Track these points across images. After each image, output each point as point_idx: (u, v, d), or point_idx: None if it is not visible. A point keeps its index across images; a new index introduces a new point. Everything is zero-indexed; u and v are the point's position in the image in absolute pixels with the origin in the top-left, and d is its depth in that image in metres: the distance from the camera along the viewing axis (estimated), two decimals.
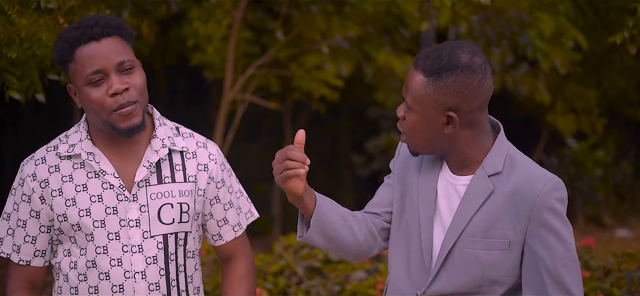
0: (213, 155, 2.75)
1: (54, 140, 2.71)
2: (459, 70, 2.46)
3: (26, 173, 2.66)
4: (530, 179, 2.50)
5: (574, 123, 11.10)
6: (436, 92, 2.47)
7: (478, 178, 2.52)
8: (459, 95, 2.47)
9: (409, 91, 2.51)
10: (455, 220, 2.53)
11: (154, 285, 2.65)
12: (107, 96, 2.55)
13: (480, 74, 2.48)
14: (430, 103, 2.48)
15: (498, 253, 2.50)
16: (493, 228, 2.50)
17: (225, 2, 7.43)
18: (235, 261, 2.84)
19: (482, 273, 2.51)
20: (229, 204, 2.79)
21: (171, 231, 2.67)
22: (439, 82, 2.46)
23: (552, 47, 9.16)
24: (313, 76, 8.53)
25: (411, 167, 2.67)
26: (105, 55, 2.55)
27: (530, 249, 2.49)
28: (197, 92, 12.44)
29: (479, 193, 2.51)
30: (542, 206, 2.47)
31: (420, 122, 2.51)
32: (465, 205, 2.53)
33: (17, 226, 2.68)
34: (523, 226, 2.49)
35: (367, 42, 8.79)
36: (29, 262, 2.70)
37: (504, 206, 2.50)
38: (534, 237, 2.48)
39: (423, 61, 2.50)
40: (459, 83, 2.46)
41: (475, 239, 2.51)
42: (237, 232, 2.82)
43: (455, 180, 2.57)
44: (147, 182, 2.65)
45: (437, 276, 2.55)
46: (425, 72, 2.48)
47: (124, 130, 2.58)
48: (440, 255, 2.55)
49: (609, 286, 5.19)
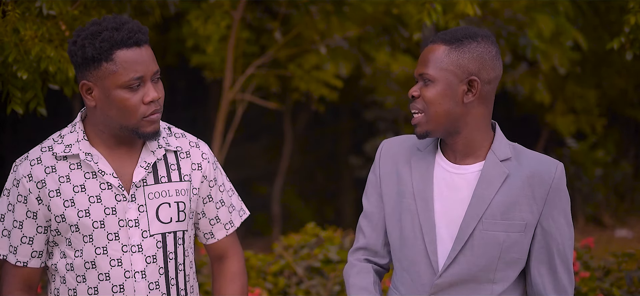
0: (205, 154, 2.77)
1: (47, 140, 2.70)
2: (479, 37, 2.58)
3: (21, 174, 2.64)
4: (542, 162, 2.62)
5: (574, 123, 11.09)
6: (459, 57, 2.56)
7: (492, 162, 2.60)
8: (480, 60, 2.57)
9: (429, 63, 2.58)
10: (474, 204, 2.58)
11: (153, 284, 2.66)
12: (142, 102, 2.56)
13: (497, 46, 2.61)
14: (453, 69, 2.56)
15: (516, 234, 2.59)
16: (511, 211, 2.59)
17: (224, 2, 7.43)
18: (226, 259, 2.85)
19: (499, 254, 2.59)
20: (220, 203, 2.80)
21: (170, 230, 2.67)
22: (461, 48, 2.56)
23: (551, 47, 9.16)
24: (312, 76, 8.53)
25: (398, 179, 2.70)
26: (147, 62, 2.55)
27: (544, 230, 2.61)
28: (197, 93, 12.43)
29: (495, 176, 2.59)
30: (557, 189, 2.60)
31: (442, 92, 2.57)
32: (483, 188, 2.59)
33: (13, 227, 2.67)
34: (540, 207, 2.59)
35: (366, 42, 8.79)
36: (26, 263, 2.69)
37: (521, 189, 2.59)
38: (549, 218, 2.60)
39: (443, 34, 2.59)
40: (481, 48, 2.57)
41: (495, 222, 2.58)
42: (228, 230, 2.83)
43: (460, 170, 2.63)
44: (145, 182, 2.65)
45: (456, 261, 2.60)
46: (446, 42, 2.57)
47: (149, 134, 2.60)
48: (459, 239, 2.59)
49: (609, 286, 5.19)
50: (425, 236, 2.62)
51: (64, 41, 4.12)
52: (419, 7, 5.03)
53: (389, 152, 2.74)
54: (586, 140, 11.66)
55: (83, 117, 2.69)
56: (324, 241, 6.05)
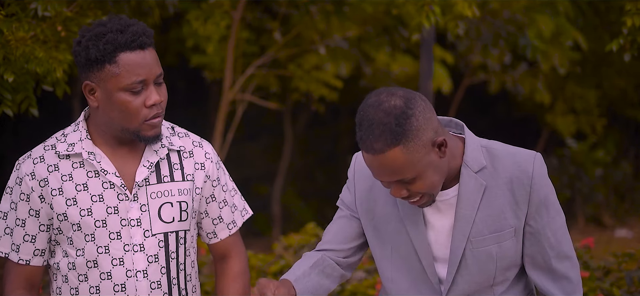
0: (209, 154, 2.77)
1: (50, 139, 2.70)
2: (407, 113, 2.40)
3: (24, 172, 2.64)
4: (518, 163, 2.53)
5: (574, 123, 11.09)
6: (416, 143, 2.39)
7: (467, 178, 2.52)
8: (428, 124, 2.41)
9: (401, 170, 2.41)
10: (458, 226, 2.53)
11: (155, 283, 2.66)
12: (144, 106, 2.56)
13: (417, 98, 2.45)
14: (421, 155, 2.40)
15: (507, 242, 2.54)
16: (498, 222, 2.52)
17: (224, 2, 7.42)
18: (229, 259, 2.85)
19: (495, 265, 2.55)
20: (223, 203, 2.80)
21: (171, 230, 2.68)
22: (409, 136, 2.39)
23: (551, 47, 9.15)
24: (312, 76, 8.52)
25: (379, 198, 2.62)
26: (150, 66, 2.55)
27: (532, 229, 2.55)
28: (197, 93, 12.43)
29: (473, 192, 2.52)
30: (538, 187, 2.52)
31: (429, 175, 2.43)
32: (464, 207, 2.52)
33: (16, 225, 2.67)
34: (524, 210, 2.52)
35: (366, 43, 8.78)
36: (28, 261, 2.69)
37: (503, 197, 2.52)
38: (535, 217, 2.54)
39: (380, 142, 2.39)
40: (419, 118, 2.41)
41: (484, 238, 2.53)
42: (231, 230, 2.83)
43: (444, 195, 2.55)
44: (147, 181, 2.66)
45: (454, 283, 2.57)
46: (391, 145, 2.39)
47: (150, 138, 2.60)
48: (452, 263, 2.55)
49: (609, 286, 5.19)
50: (423, 261, 2.58)
51: (59, 42, 4.11)
52: (418, 8, 5.03)
53: (365, 171, 2.63)
54: (586, 140, 11.65)
55: (86, 117, 2.69)
56: None
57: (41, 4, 4.06)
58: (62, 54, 4.04)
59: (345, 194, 2.71)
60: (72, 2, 4.31)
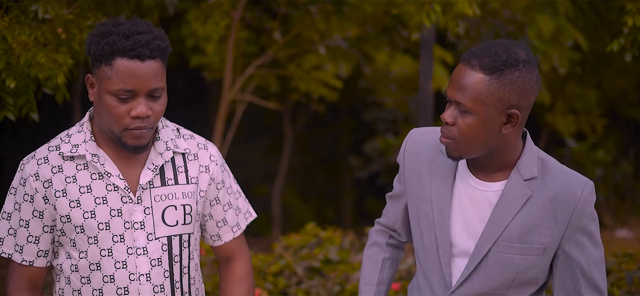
0: (213, 156, 2.76)
1: (54, 139, 2.70)
2: (521, 65, 2.40)
3: (28, 173, 2.64)
4: (568, 184, 2.47)
5: (574, 124, 11.09)
6: (500, 90, 2.38)
7: (515, 182, 2.48)
8: (522, 91, 2.40)
9: (466, 93, 2.40)
10: (491, 225, 2.49)
11: (158, 287, 2.65)
12: (128, 114, 2.54)
13: (537, 69, 2.44)
14: (493, 102, 2.38)
15: (533, 258, 2.50)
16: (531, 234, 2.48)
17: (223, 2, 7.42)
18: (234, 261, 2.85)
19: (514, 276, 2.51)
20: (228, 205, 2.79)
21: (175, 233, 2.67)
22: (502, 79, 2.38)
23: (551, 47, 9.15)
24: (312, 76, 8.52)
25: (422, 174, 2.63)
26: (143, 78, 2.51)
27: (566, 253, 2.50)
28: (197, 93, 12.42)
29: (516, 197, 2.48)
30: (581, 213, 2.47)
31: (479, 124, 2.41)
32: (502, 210, 2.48)
33: (20, 226, 2.66)
34: (561, 232, 2.48)
35: (366, 43, 8.78)
36: (32, 262, 2.68)
37: (543, 212, 2.48)
38: (571, 241, 2.49)
39: (479, 59, 2.40)
40: (523, 79, 2.39)
41: (512, 245, 2.49)
42: (235, 233, 2.82)
43: (483, 186, 2.52)
44: (151, 184, 2.65)
45: (469, 279, 2.54)
46: (485, 70, 2.38)
47: (130, 147, 2.58)
48: (473, 259, 2.52)
49: (609, 287, 5.19)
50: (440, 249, 2.56)
51: (59, 45, 4.11)
52: (418, 7, 5.02)
53: (414, 148, 2.64)
54: (586, 140, 11.65)
55: (91, 117, 2.69)
56: (324, 241, 6.05)
57: (41, 6, 4.06)
58: (62, 57, 4.03)
59: (400, 168, 2.71)
60: (72, 4, 4.30)
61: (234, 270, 2.85)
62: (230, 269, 2.85)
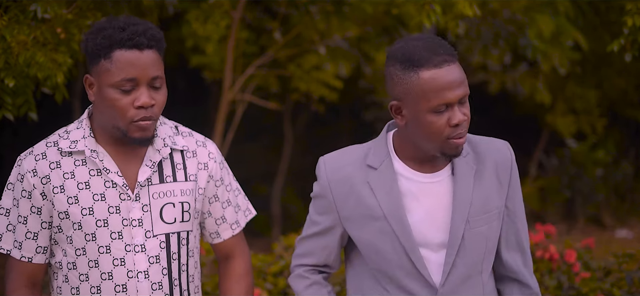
0: (212, 154, 2.76)
1: (52, 135, 2.69)
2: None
3: (26, 169, 2.63)
4: (499, 149, 2.66)
5: (574, 124, 11.07)
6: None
7: (458, 162, 2.60)
8: None
9: (465, 82, 2.55)
10: (458, 207, 2.57)
11: (156, 284, 2.65)
12: (132, 105, 2.54)
13: None
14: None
15: (495, 223, 2.64)
16: (488, 203, 2.61)
17: (224, 2, 7.41)
18: (233, 260, 2.85)
19: (485, 246, 2.62)
20: (227, 203, 2.79)
21: (173, 231, 2.67)
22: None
23: (551, 47, 9.14)
24: (312, 76, 8.51)
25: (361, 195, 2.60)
26: (143, 66, 2.53)
27: (509, 210, 2.66)
28: (197, 93, 12.42)
29: (466, 174, 2.59)
30: (515, 171, 2.66)
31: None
32: (462, 190, 2.58)
33: (18, 223, 2.66)
34: (505, 192, 2.64)
35: (366, 43, 8.77)
36: (31, 259, 2.68)
37: (489, 180, 2.61)
38: (512, 198, 2.66)
39: (449, 52, 2.52)
40: None
41: (479, 218, 2.60)
42: (234, 230, 2.82)
43: (435, 177, 2.60)
44: (150, 181, 2.65)
45: (454, 265, 2.59)
46: (454, 56, 2.52)
47: (137, 140, 2.58)
48: (452, 245, 2.57)
49: (610, 287, 5.18)
50: (411, 255, 2.57)
51: (58, 45, 4.11)
52: (418, 7, 5.02)
53: (337, 175, 2.62)
54: (586, 140, 11.63)
55: (90, 115, 2.68)
56: None
57: (41, 6, 4.05)
58: (61, 57, 4.03)
59: (321, 202, 2.66)
60: (72, 4, 4.30)
61: (233, 269, 2.84)
62: (230, 267, 2.85)
